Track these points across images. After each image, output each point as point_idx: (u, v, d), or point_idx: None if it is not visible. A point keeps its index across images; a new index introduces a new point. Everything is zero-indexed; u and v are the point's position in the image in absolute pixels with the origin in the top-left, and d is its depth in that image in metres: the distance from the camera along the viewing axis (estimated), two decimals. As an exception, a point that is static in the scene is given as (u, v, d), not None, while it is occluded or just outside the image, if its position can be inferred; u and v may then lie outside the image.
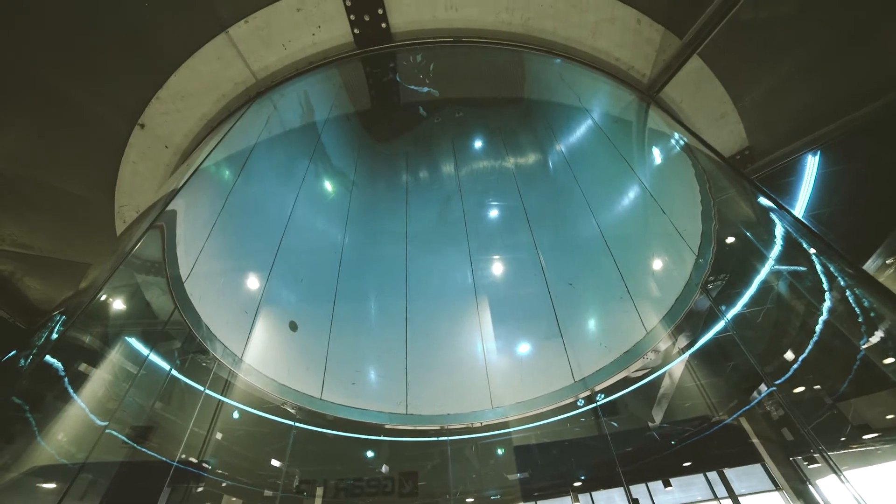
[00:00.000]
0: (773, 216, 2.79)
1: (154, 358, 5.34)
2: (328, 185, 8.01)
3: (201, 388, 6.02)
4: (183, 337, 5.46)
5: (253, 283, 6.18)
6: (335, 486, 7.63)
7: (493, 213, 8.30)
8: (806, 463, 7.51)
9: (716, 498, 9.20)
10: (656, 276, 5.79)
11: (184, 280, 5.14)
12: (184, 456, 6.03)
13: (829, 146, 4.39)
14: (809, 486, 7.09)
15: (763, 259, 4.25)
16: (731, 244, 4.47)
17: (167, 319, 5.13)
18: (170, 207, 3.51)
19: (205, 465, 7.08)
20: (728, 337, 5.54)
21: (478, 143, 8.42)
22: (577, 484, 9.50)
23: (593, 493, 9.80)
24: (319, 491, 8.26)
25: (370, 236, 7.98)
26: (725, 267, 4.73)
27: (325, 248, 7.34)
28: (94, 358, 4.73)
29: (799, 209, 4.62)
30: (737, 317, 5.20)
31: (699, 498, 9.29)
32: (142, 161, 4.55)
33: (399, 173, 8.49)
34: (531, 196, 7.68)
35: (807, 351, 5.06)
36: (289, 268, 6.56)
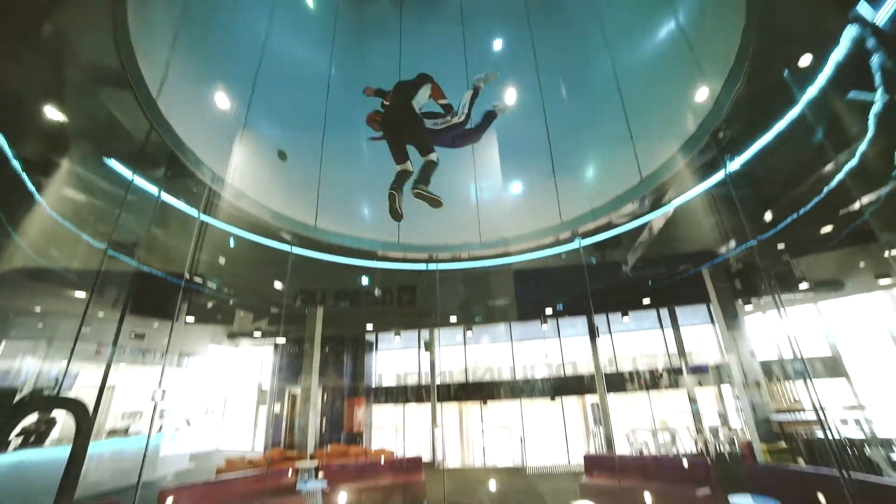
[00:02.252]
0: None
1: (139, 181, 5.17)
2: (309, 1, 6.72)
3: (195, 214, 6.06)
4: (165, 159, 5.21)
5: (232, 107, 5.65)
6: (334, 297, 8.66)
7: (498, 45, 7.24)
8: (743, 306, 8.79)
9: (661, 327, 10.80)
10: (666, 121, 5.44)
11: (156, 98, 4.64)
12: (188, 276, 6.45)
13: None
14: (738, 321, 8.30)
15: (794, 102, 3.91)
16: (762, 84, 4.04)
17: (145, 139, 4.80)
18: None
19: (210, 284, 7.71)
20: (722, 190, 5.48)
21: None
22: (549, 311, 10.94)
23: (559, 319, 11.43)
24: (320, 312, 9.37)
25: (359, 60, 7.07)
26: (744, 113, 4.39)
27: (309, 74, 6.54)
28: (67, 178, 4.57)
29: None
30: (738, 171, 5.07)
31: (648, 327, 10.93)
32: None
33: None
34: (541, 21, 6.61)
35: (807, 208, 5.19)
36: (271, 95, 5.93)
